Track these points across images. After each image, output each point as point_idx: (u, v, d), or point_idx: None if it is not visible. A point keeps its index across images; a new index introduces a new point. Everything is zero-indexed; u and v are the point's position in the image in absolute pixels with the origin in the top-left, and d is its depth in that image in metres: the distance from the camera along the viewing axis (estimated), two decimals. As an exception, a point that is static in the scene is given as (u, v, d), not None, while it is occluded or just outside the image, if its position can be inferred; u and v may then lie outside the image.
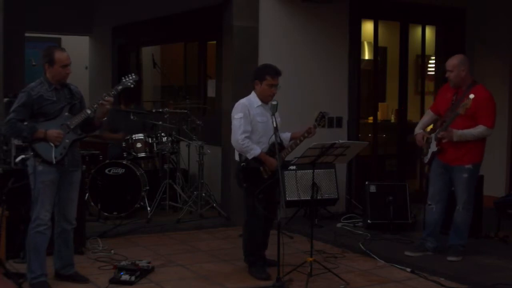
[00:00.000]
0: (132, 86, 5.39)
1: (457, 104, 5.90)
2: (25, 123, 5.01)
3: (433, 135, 6.13)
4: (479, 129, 5.91)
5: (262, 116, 5.53)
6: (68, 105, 5.15)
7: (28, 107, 5.01)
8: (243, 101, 5.59)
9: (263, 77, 5.54)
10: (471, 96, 5.70)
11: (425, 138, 6.19)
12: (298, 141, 5.54)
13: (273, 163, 5.42)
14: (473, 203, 6.15)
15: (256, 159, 5.45)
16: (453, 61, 6.05)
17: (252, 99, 5.60)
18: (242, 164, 5.52)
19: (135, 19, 10.84)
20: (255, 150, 5.43)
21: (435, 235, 6.26)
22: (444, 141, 5.98)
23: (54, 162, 5.01)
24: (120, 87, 5.30)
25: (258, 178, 5.48)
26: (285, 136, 5.69)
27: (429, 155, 6.19)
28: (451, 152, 6.00)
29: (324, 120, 5.53)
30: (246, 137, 5.43)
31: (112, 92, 5.25)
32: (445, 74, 6.14)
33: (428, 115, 6.44)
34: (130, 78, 5.32)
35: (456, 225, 6.13)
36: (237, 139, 5.45)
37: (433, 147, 6.12)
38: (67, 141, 5.07)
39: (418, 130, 6.32)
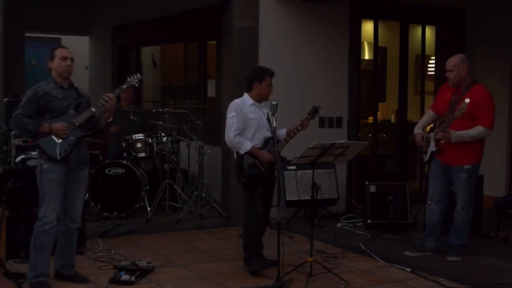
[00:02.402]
0: (137, 85, 5.44)
1: (456, 104, 5.90)
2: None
3: (432, 135, 6.13)
4: (477, 130, 5.90)
5: (255, 113, 5.69)
6: (74, 103, 5.17)
7: (34, 103, 5.06)
8: (236, 100, 5.77)
9: (262, 78, 5.71)
10: (467, 100, 5.69)
11: (424, 138, 6.20)
12: (292, 134, 5.70)
13: (265, 156, 5.55)
14: (473, 203, 6.15)
15: (249, 154, 5.57)
16: (453, 61, 6.05)
17: (245, 99, 5.76)
18: (239, 160, 5.60)
19: (135, 19, 10.85)
20: (247, 145, 5.57)
21: (435, 235, 6.26)
22: (442, 142, 5.98)
23: (58, 158, 5.02)
24: (124, 86, 5.34)
25: (256, 175, 5.56)
26: (282, 132, 5.81)
27: (428, 155, 6.19)
28: (450, 152, 5.99)
29: (317, 114, 5.74)
30: (237, 134, 5.58)
31: (117, 91, 5.27)
32: (445, 73, 6.13)
33: (428, 114, 6.44)
34: (135, 77, 5.35)
35: (456, 225, 6.12)
36: (229, 136, 5.61)
37: (432, 147, 6.12)
38: (72, 138, 5.09)
39: (417, 129, 6.32)
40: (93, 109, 5.16)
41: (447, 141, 5.93)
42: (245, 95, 5.77)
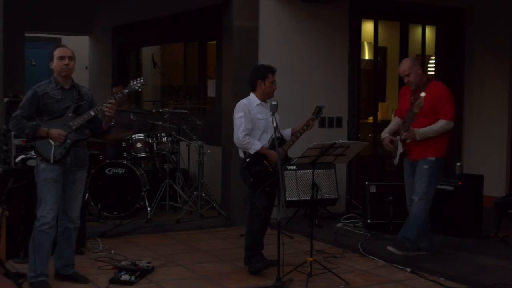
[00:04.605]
0: (139, 90, 5.41)
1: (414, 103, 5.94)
2: (34, 122, 5.04)
3: (398, 138, 6.14)
4: (439, 124, 5.94)
5: (262, 114, 5.70)
6: (73, 105, 5.15)
7: (33, 103, 5.06)
8: (243, 101, 5.75)
9: (265, 76, 5.72)
10: (422, 94, 5.76)
11: (392, 141, 6.20)
12: (298, 134, 5.72)
13: (274, 155, 5.56)
14: (431, 197, 6.07)
15: (258, 153, 5.58)
16: (406, 65, 6.08)
17: (251, 99, 5.76)
18: (247, 160, 5.61)
19: (135, 19, 10.85)
20: (256, 145, 5.59)
21: (425, 234, 6.24)
22: (407, 141, 6.01)
23: (51, 161, 5.03)
24: (126, 91, 5.32)
25: (263, 174, 5.59)
26: (287, 132, 5.83)
27: (397, 157, 6.19)
28: (416, 149, 6.02)
29: (321, 113, 5.81)
30: (246, 134, 5.58)
31: (118, 95, 5.25)
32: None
33: (395, 120, 6.44)
34: (138, 82, 5.32)
35: (409, 217, 6.12)
36: (238, 137, 5.61)
37: (400, 149, 6.12)
38: (68, 141, 5.08)
39: (384, 134, 6.33)
40: (92, 113, 5.14)
41: (412, 140, 5.95)
42: (251, 95, 5.77)
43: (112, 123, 5.31)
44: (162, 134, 8.08)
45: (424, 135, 5.94)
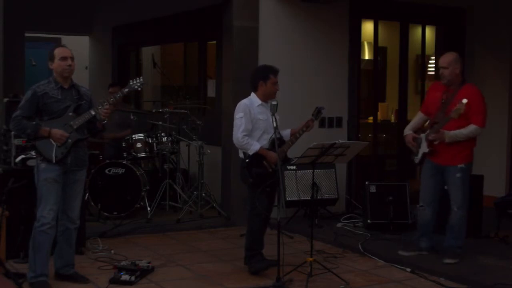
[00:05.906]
0: (139, 89, 5.41)
1: (447, 104, 5.86)
2: (34, 122, 5.04)
3: (423, 136, 6.05)
4: (470, 129, 5.86)
5: (263, 114, 5.69)
6: (73, 105, 5.15)
7: (33, 103, 5.06)
8: (244, 101, 5.74)
9: (267, 77, 5.69)
10: (464, 101, 5.60)
11: (415, 139, 6.15)
12: (297, 135, 5.72)
13: (273, 156, 5.56)
14: (468, 203, 6.07)
15: (257, 154, 5.57)
16: (448, 58, 5.97)
17: (252, 99, 5.74)
18: (246, 160, 5.61)
19: (135, 19, 10.85)
20: (255, 146, 5.58)
21: (428, 235, 6.23)
22: (435, 142, 5.94)
23: (54, 161, 5.03)
24: (126, 90, 5.32)
25: (262, 174, 5.58)
26: (286, 133, 5.82)
27: (419, 156, 6.12)
28: (443, 153, 5.94)
29: (321, 114, 5.78)
30: (245, 135, 5.58)
31: (118, 95, 5.26)
32: (439, 75, 6.07)
33: (418, 116, 6.35)
34: (137, 81, 5.32)
35: (451, 226, 6.05)
36: (237, 137, 5.61)
37: (424, 148, 6.03)
38: (69, 141, 5.08)
39: (407, 131, 6.25)
40: (92, 112, 5.14)
41: (441, 142, 5.91)
42: (252, 95, 5.76)
43: (105, 121, 5.30)
44: (162, 134, 8.08)
45: (453, 138, 5.84)
